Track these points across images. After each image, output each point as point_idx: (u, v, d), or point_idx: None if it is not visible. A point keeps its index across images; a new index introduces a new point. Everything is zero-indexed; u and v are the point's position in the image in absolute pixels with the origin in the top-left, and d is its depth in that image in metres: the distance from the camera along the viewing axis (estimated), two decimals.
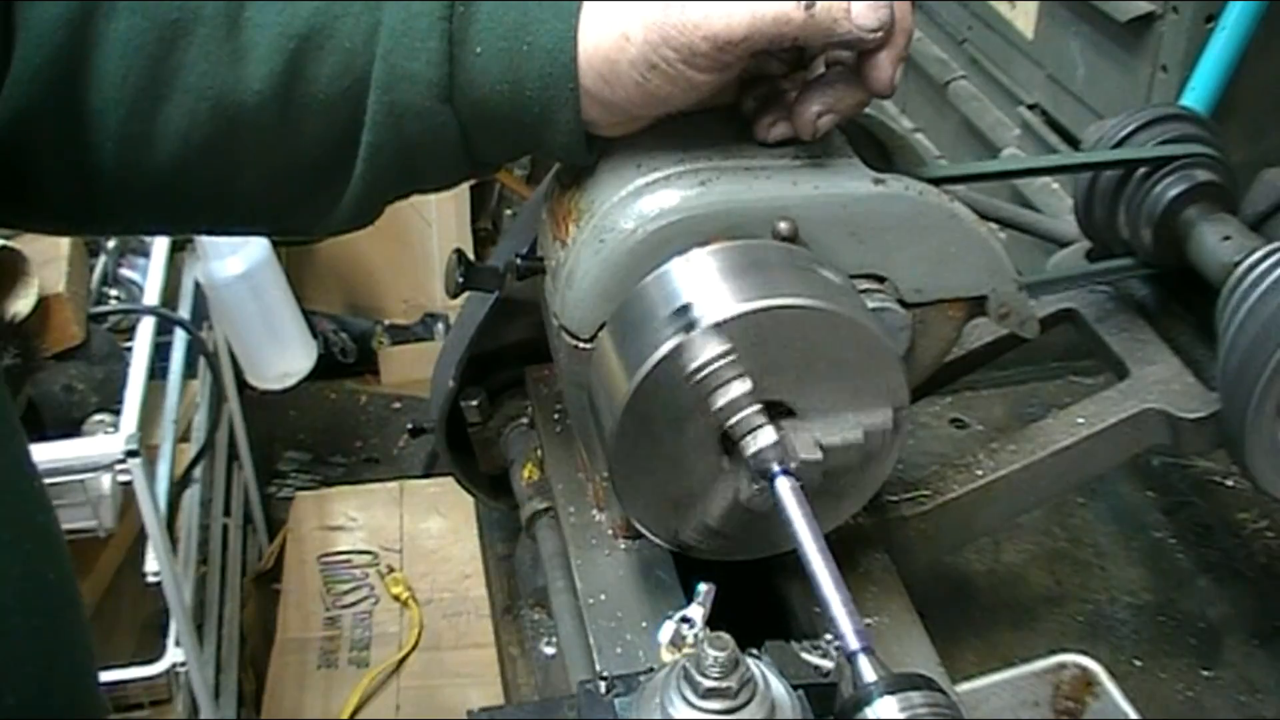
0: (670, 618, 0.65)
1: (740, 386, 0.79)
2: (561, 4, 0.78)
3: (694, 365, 0.78)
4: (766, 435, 0.79)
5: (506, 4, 0.78)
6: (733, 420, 0.80)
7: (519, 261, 0.94)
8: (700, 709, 0.60)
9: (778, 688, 0.63)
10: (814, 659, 0.73)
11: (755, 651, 0.70)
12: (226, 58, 0.77)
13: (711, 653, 0.60)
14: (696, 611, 0.63)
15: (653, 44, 0.76)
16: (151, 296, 2.25)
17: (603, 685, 0.65)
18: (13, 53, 0.76)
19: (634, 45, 0.76)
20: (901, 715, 0.65)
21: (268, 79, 0.78)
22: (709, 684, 0.60)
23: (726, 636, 0.61)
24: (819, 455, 0.81)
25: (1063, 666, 1.11)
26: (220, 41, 0.77)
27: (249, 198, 0.85)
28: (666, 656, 0.65)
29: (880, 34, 0.77)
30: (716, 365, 0.78)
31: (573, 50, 0.77)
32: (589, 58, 0.78)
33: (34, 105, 0.76)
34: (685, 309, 0.80)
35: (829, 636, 0.72)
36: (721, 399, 0.79)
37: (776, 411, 0.81)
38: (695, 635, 0.65)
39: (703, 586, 0.65)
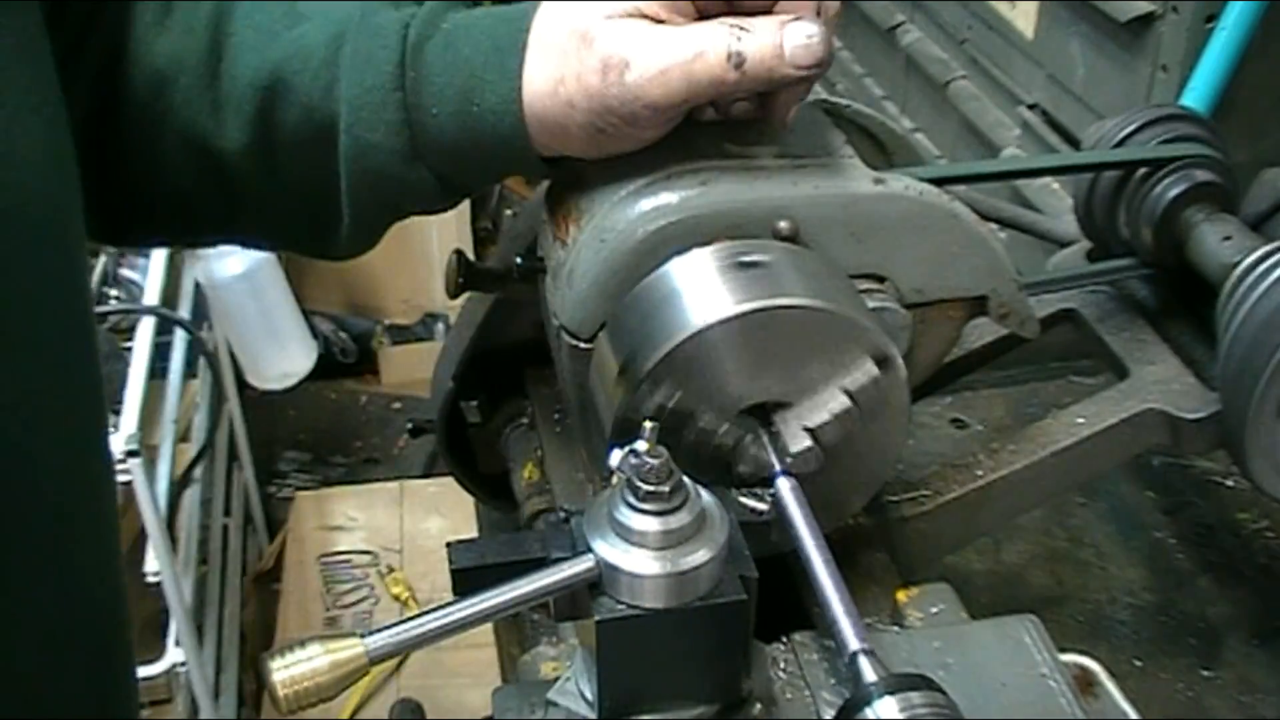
0: (619, 445, 0.70)
1: (702, 418, 0.80)
2: (505, 62, 0.80)
3: (649, 418, 0.79)
4: (747, 449, 0.81)
5: (455, 64, 0.81)
6: (712, 445, 0.81)
7: (519, 261, 0.94)
8: (640, 510, 0.68)
9: (707, 498, 0.71)
10: (750, 501, 0.79)
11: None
12: (206, 106, 0.83)
13: (650, 460, 0.68)
14: (642, 445, 0.68)
15: (596, 112, 0.78)
16: (151, 296, 2.25)
17: (564, 515, 0.74)
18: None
19: (579, 112, 0.78)
20: (901, 715, 0.65)
21: (241, 128, 0.83)
22: (647, 488, 0.67)
23: (662, 449, 0.68)
24: (808, 442, 0.81)
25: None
26: (201, 90, 0.83)
27: (250, 230, 0.92)
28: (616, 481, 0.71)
29: (819, 69, 0.78)
30: (668, 411, 0.79)
31: (518, 112, 0.80)
32: (539, 118, 0.80)
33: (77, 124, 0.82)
34: (623, 369, 0.81)
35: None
36: (691, 434, 0.81)
37: (768, 409, 0.82)
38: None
39: (648, 424, 0.68)
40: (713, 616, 0.69)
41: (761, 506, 0.79)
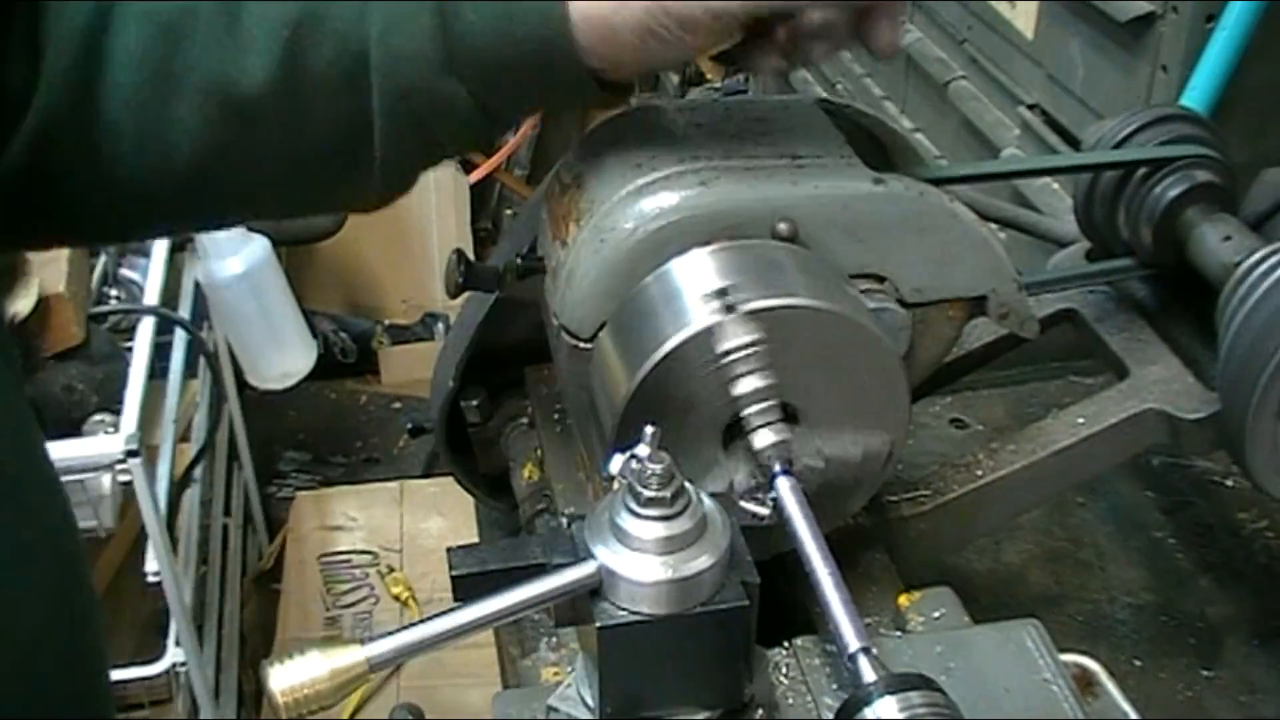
0: (621, 451, 0.69)
1: (765, 378, 0.80)
2: None
3: (727, 347, 0.78)
4: (778, 431, 0.80)
5: None
6: (749, 410, 0.80)
7: (519, 261, 0.94)
8: (641, 515, 0.68)
9: (709, 504, 0.70)
10: (751, 506, 0.79)
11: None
12: (228, 53, 0.77)
13: (651, 466, 0.67)
14: (644, 450, 0.68)
15: (651, 13, 0.75)
16: (151, 296, 2.25)
17: (565, 521, 0.73)
18: (39, 71, 0.76)
19: (631, 12, 0.75)
20: (901, 715, 0.65)
21: (269, 69, 0.77)
22: (649, 494, 0.67)
23: (664, 454, 0.68)
24: (821, 463, 0.81)
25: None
26: (220, 37, 0.77)
27: (272, 187, 0.85)
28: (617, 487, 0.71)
29: None
30: (749, 351, 0.79)
31: (562, 12, 0.76)
32: (586, 18, 0.76)
33: (56, 122, 0.77)
34: (724, 291, 0.79)
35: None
36: (744, 387, 0.80)
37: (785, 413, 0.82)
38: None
39: (649, 429, 0.68)
40: (714, 622, 0.69)
41: (763, 511, 0.79)
